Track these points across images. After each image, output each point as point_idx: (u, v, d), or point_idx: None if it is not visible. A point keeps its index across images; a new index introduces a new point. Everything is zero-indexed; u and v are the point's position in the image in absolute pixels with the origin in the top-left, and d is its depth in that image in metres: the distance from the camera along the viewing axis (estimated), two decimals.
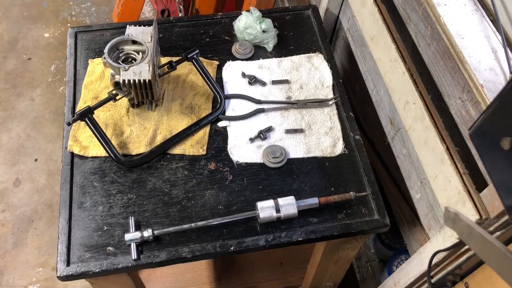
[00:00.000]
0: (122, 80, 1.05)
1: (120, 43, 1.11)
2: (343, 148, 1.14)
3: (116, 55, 1.11)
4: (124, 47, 1.11)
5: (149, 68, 1.05)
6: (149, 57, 1.07)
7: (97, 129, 1.07)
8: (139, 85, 1.06)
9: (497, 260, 0.54)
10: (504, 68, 0.82)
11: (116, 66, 1.06)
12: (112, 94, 1.09)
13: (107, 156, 1.09)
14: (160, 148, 1.10)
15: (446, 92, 0.91)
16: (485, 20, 0.90)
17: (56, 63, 2.72)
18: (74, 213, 1.03)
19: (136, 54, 1.11)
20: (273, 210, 0.99)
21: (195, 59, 1.18)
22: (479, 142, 0.61)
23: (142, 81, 1.05)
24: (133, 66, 1.06)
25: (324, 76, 1.26)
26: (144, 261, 0.96)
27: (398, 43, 1.08)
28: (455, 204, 0.86)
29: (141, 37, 1.10)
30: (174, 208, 1.03)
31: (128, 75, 1.05)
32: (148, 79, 1.05)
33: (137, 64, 1.07)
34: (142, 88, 1.08)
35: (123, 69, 1.06)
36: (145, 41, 1.10)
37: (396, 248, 1.65)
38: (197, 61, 1.18)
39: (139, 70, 1.06)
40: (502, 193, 0.59)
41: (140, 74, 1.05)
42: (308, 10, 1.41)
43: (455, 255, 0.93)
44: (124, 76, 1.05)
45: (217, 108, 1.17)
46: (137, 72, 1.06)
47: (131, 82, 1.05)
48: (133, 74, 1.05)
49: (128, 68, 1.06)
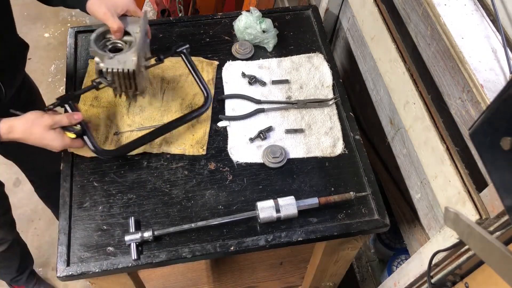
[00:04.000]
0: (106, 69, 1.02)
1: (109, 32, 1.08)
2: (343, 148, 1.13)
3: (103, 43, 1.08)
4: (112, 36, 1.09)
5: (134, 58, 1.02)
6: (135, 47, 1.04)
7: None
8: (122, 74, 1.03)
9: (497, 260, 0.54)
10: (504, 68, 0.82)
11: (101, 53, 1.03)
12: (95, 83, 1.06)
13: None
14: (139, 140, 1.08)
15: (446, 92, 0.91)
16: (485, 20, 0.90)
17: (56, 63, 2.72)
18: (74, 213, 1.03)
19: (124, 44, 1.08)
20: (273, 210, 0.99)
21: (184, 54, 1.15)
22: (479, 142, 0.61)
23: (125, 71, 1.02)
24: (118, 55, 1.03)
25: (324, 76, 1.26)
26: (144, 261, 0.96)
27: (398, 43, 1.08)
28: (455, 204, 0.86)
29: (130, 28, 1.08)
30: (174, 208, 1.03)
31: (112, 63, 1.02)
32: (133, 69, 1.02)
33: (123, 53, 1.04)
34: (125, 78, 1.04)
35: (107, 57, 1.03)
36: (134, 32, 1.07)
37: (396, 248, 1.65)
38: (186, 56, 1.15)
39: (124, 60, 1.03)
40: (502, 193, 0.59)
41: (124, 64, 1.02)
42: (308, 10, 1.41)
43: (455, 255, 0.93)
44: (108, 65, 1.02)
45: (203, 105, 1.14)
46: (121, 61, 1.02)
47: (114, 71, 1.02)
48: (117, 63, 1.02)
49: (113, 57, 1.03)
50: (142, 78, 1.09)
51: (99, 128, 1.14)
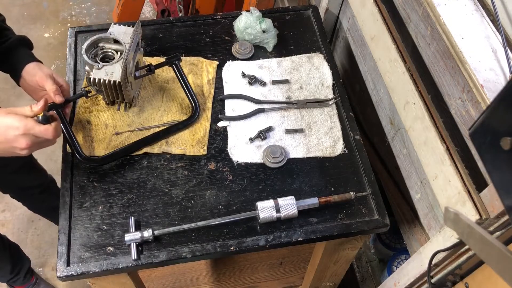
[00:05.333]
0: (93, 79, 1.04)
1: (102, 40, 1.10)
2: (343, 148, 1.14)
3: (95, 52, 1.10)
4: (105, 45, 1.10)
5: (121, 70, 1.04)
6: (123, 59, 1.05)
7: (65, 124, 1.06)
8: (109, 85, 1.05)
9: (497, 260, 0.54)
10: (504, 68, 0.82)
11: (90, 63, 1.05)
12: (84, 91, 1.08)
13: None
14: (123, 150, 1.09)
15: (446, 92, 0.91)
16: (485, 20, 0.90)
17: (56, 63, 2.72)
18: (74, 213, 1.03)
19: (115, 53, 1.10)
20: (273, 210, 0.99)
21: (176, 65, 1.16)
22: (479, 142, 0.61)
23: (112, 82, 1.04)
24: (106, 66, 1.05)
25: (324, 76, 1.26)
26: (144, 261, 0.96)
27: (398, 43, 1.08)
28: (455, 204, 0.86)
29: (122, 37, 1.09)
30: (174, 208, 1.03)
31: (100, 74, 1.04)
32: (118, 81, 1.03)
33: (111, 64, 1.06)
34: (111, 88, 1.06)
35: (96, 68, 1.05)
36: (125, 42, 1.08)
37: (396, 248, 1.65)
38: (177, 67, 1.16)
39: (111, 71, 1.04)
40: (502, 193, 0.59)
41: (112, 75, 1.04)
42: (308, 10, 1.41)
43: (455, 255, 0.93)
44: (96, 75, 1.04)
45: (190, 117, 1.15)
46: (109, 72, 1.04)
47: (101, 81, 1.04)
48: (105, 73, 1.04)
49: (101, 67, 1.05)
50: (129, 88, 1.10)
51: (98, 128, 1.14)
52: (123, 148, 1.10)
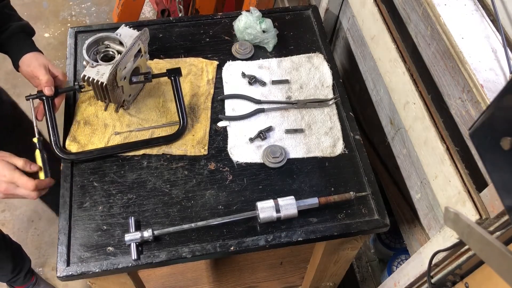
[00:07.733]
0: (83, 75, 1.05)
1: (109, 38, 1.10)
2: (343, 148, 1.14)
3: (98, 49, 1.10)
4: (110, 44, 1.10)
5: (107, 73, 1.03)
6: (114, 64, 1.05)
7: (50, 113, 1.07)
8: (96, 85, 1.05)
9: (497, 260, 0.54)
10: (504, 68, 0.82)
11: (87, 59, 1.06)
12: (77, 85, 1.10)
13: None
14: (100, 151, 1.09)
15: (446, 92, 0.91)
16: (485, 20, 0.90)
17: (56, 63, 2.72)
18: (74, 213, 1.03)
19: (117, 54, 1.10)
20: (273, 210, 0.99)
21: (174, 79, 1.15)
22: (479, 142, 0.61)
23: (100, 83, 1.04)
24: (100, 66, 1.05)
25: (324, 76, 1.26)
26: (144, 261, 0.96)
27: (398, 43, 1.08)
28: (455, 204, 0.86)
29: (127, 40, 1.09)
30: (174, 208, 1.03)
31: (91, 72, 1.05)
32: (105, 83, 1.03)
33: (105, 65, 1.06)
34: (99, 89, 1.07)
35: (90, 65, 1.05)
36: (126, 45, 1.08)
37: (396, 248, 1.65)
38: (175, 81, 1.15)
39: (103, 71, 1.04)
40: (502, 193, 0.59)
41: (101, 76, 1.04)
42: (308, 10, 1.41)
43: (455, 255, 0.93)
44: (87, 72, 1.05)
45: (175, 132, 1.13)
46: (100, 72, 1.04)
47: (90, 80, 1.04)
48: (96, 73, 1.04)
49: (95, 66, 1.05)
50: (119, 92, 1.10)
51: (97, 128, 1.14)
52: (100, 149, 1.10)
